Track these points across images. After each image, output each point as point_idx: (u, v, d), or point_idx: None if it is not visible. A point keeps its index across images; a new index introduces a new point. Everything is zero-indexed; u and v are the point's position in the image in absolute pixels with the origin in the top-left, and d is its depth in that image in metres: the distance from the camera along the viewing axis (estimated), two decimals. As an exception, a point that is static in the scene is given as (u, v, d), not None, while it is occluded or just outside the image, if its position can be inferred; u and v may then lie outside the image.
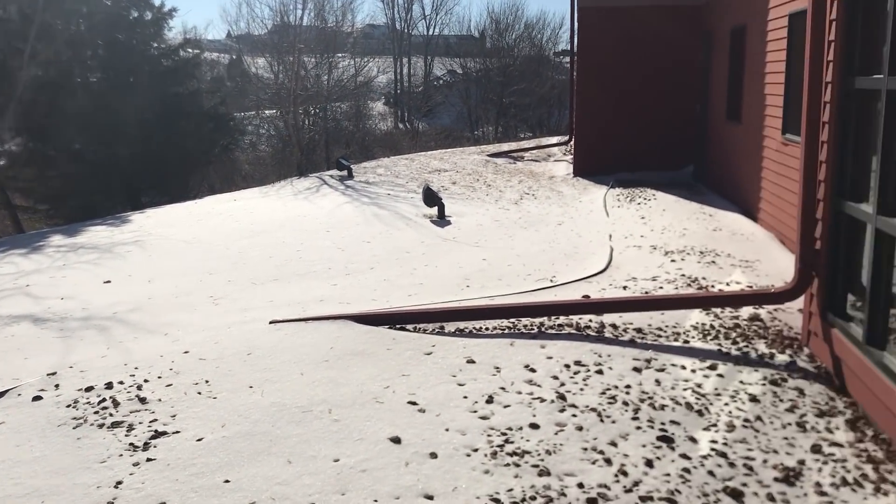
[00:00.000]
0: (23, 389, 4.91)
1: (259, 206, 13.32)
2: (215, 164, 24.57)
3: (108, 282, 8.43)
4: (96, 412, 4.47)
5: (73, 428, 4.29)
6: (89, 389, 4.83)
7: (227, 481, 3.59)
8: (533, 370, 4.88)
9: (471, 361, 5.04)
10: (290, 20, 27.22)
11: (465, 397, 4.47)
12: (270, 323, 6.03)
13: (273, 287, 7.84)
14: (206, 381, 4.82)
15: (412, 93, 48.15)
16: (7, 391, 4.90)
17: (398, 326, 5.85)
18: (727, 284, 6.89)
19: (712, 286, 6.84)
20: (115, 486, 3.61)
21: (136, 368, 5.15)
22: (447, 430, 4.05)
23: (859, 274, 4.71)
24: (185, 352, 5.44)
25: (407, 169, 17.12)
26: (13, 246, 11.33)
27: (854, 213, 4.70)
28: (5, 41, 18.07)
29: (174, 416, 4.35)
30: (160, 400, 4.59)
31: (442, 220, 11.29)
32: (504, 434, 4.01)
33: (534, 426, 4.09)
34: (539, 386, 4.64)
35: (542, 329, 5.76)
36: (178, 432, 4.14)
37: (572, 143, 17.01)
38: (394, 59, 48.45)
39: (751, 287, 6.70)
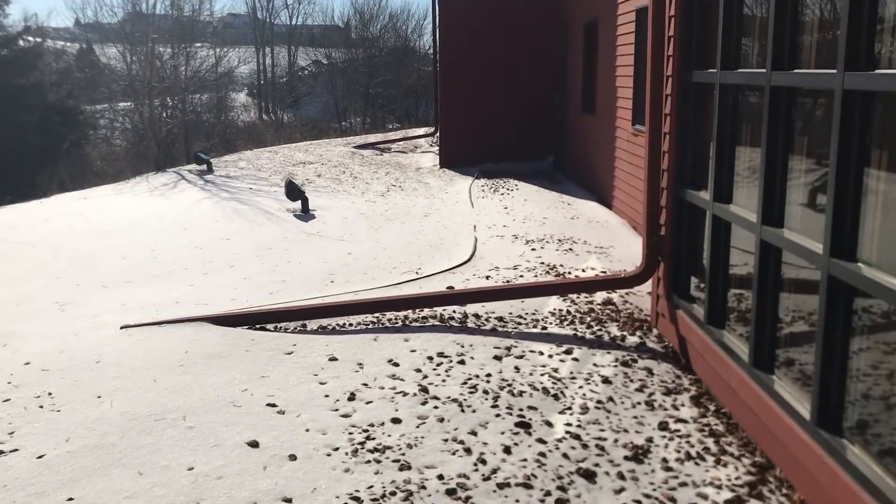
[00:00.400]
0: None
1: (112, 205, 12.68)
2: (65, 161, 23.18)
3: (-61, 291, 7.80)
4: (-77, 434, 4.11)
5: None
6: (-85, 409, 4.43)
7: (70, 500, 3.38)
8: (396, 364, 4.88)
9: (333, 359, 4.98)
10: (142, 8, 25.99)
11: (327, 396, 4.41)
12: (121, 328, 5.74)
13: (126, 290, 7.48)
14: (49, 394, 4.53)
15: (276, 84, 47.14)
16: None
17: (258, 326, 5.70)
18: (583, 271, 7.14)
19: (569, 273, 7.07)
20: (-58, 515, 3.33)
21: (-31, 384, 4.78)
22: (307, 430, 3.98)
23: (701, 258, 4.99)
24: (27, 363, 5.10)
25: (270, 162, 16.76)
26: None
27: (694, 200, 4.97)
28: None
29: (12, 433, 4.06)
30: (-3, 417, 4.27)
31: (306, 214, 11.12)
32: (365, 431, 3.99)
33: (396, 421, 4.09)
34: (402, 380, 4.64)
35: (407, 322, 5.77)
36: (15, 450, 3.86)
37: (438, 134, 17.16)
38: (256, 48, 47.23)
39: (604, 272, 6.97)
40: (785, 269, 3.80)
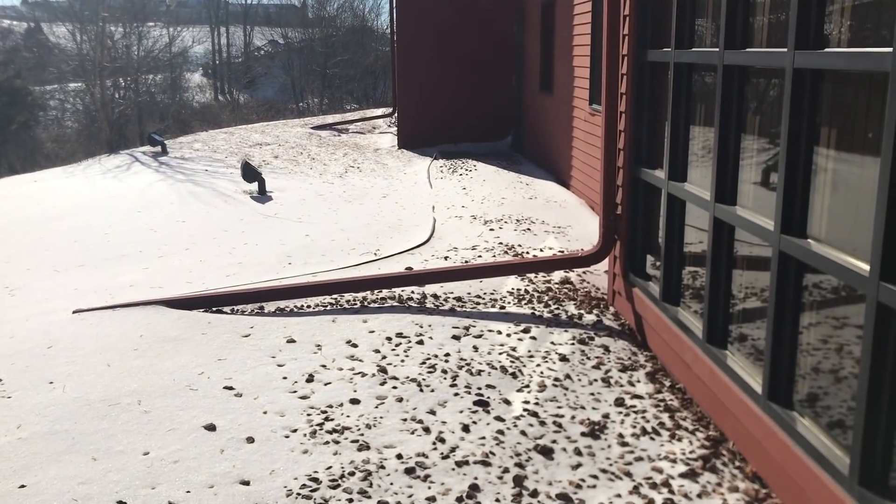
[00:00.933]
0: None
1: (63, 187, 12.39)
2: (13, 143, 22.56)
3: None
4: None
5: None
6: None
7: (22, 486, 3.32)
8: (355, 345, 4.87)
9: (291, 341, 4.94)
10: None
11: (285, 378, 4.38)
12: (74, 312, 5.63)
13: (78, 274, 7.33)
14: (0, 380, 4.44)
15: (232, 64, 46.35)
16: None
17: (214, 309, 5.64)
18: (541, 250, 7.18)
19: (527, 253, 7.10)
20: None
21: (-86, 372, 4.65)
22: (265, 412, 3.96)
23: (656, 237, 5.04)
24: (-26, 350, 4.97)
25: (226, 143, 16.51)
26: None
27: (650, 179, 5.01)
28: None
29: (-40, 420, 3.97)
30: (-58, 405, 4.17)
31: (263, 195, 11.00)
32: (324, 412, 3.97)
33: (354, 401, 4.09)
34: (361, 361, 4.63)
35: (365, 303, 5.75)
36: (-36, 438, 3.78)
37: (397, 115, 17.06)
38: (210, 28, 46.34)
39: (562, 252, 7.02)
40: (738, 246, 3.86)
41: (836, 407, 3.00)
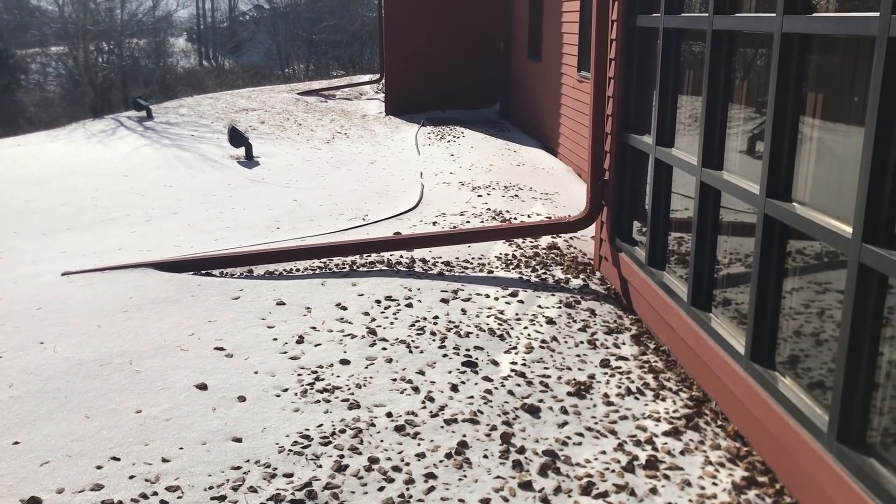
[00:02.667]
0: None
1: (48, 151, 12.28)
2: (-6, 107, 22.28)
3: None
4: None
5: None
6: None
7: (16, 443, 3.36)
8: (344, 308, 4.91)
9: (281, 303, 4.98)
10: (73, -54, 24.80)
11: (275, 339, 4.43)
12: (63, 275, 5.63)
13: (66, 237, 7.31)
14: (-10, 341, 4.45)
15: (217, 28, 45.75)
16: None
17: (203, 272, 5.65)
18: (528, 216, 7.23)
19: (515, 218, 7.14)
20: None
21: None
22: (256, 372, 4.00)
23: (643, 202, 5.09)
24: (-36, 311, 4.98)
25: (212, 109, 16.39)
26: None
27: (638, 144, 5.05)
28: None
29: (-48, 380, 3.99)
30: (-65, 364, 4.19)
31: (250, 160, 10.96)
32: (314, 372, 4.02)
33: (344, 362, 4.14)
34: (350, 323, 4.68)
35: (354, 267, 5.78)
36: (-43, 397, 3.81)
37: (384, 81, 16.96)
38: (195, -9, 45.64)
39: (550, 218, 7.06)
40: (723, 212, 3.91)
41: (816, 368, 3.08)
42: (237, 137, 11.27)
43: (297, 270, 5.77)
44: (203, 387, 3.83)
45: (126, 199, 8.72)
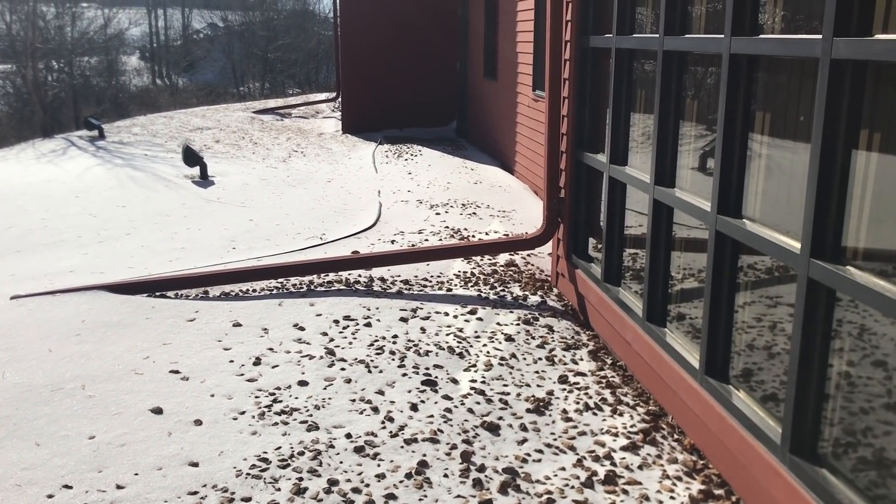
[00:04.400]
0: None
1: (-5, 172, 12.01)
2: (-60, 126, 21.72)
3: None
4: None
5: None
6: None
7: (-38, 473, 3.26)
8: (302, 328, 4.87)
9: (237, 325, 4.92)
10: (21, -37, 24.39)
11: (232, 361, 4.37)
12: (11, 298, 5.49)
13: (15, 259, 7.14)
14: (-66, 368, 4.32)
15: (170, 47, 45.32)
16: None
17: (158, 294, 5.57)
18: (486, 234, 7.27)
19: (473, 236, 7.18)
20: None
21: None
22: (212, 395, 3.95)
23: (598, 219, 5.16)
24: None
25: (166, 128, 16.19)
26: None
27: (592, 163, 5.12)
28: None
29: None
30: None
31: (205, 180, 10.84)
32: (272, 394, 3.98)
33: (302, 383, 4.10)
34: (308, 343, 4.64)
35: (312, 287, 5.75)
36: None
37: (341, 99, 16.95)
38: (147, 9, 45.19)
39: (507, 235, 7.11)
40: (676, 229, 3.98)
41: (769, 381, 3.14)
42: (191, 156, 11.14)
43: (254, 291, 5.72)
44: (158, 411, 3.77)
45: (78, 220, 8.55)
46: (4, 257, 7.23)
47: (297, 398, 3.94)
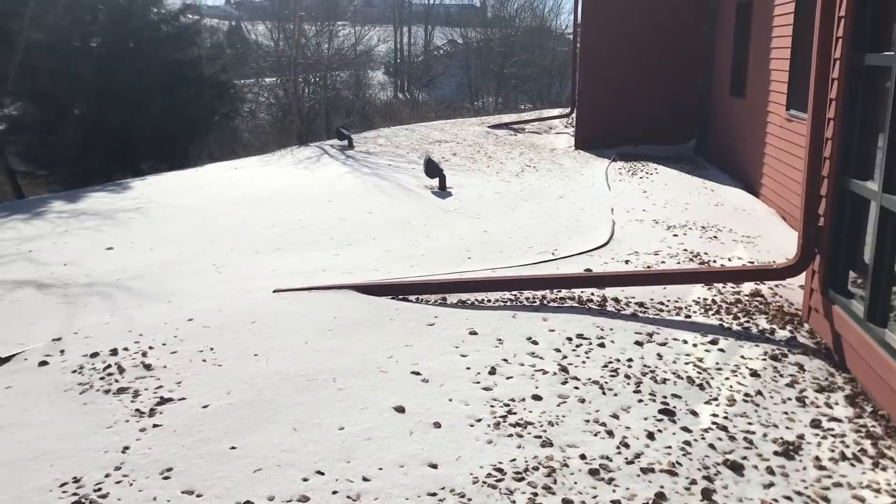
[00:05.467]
0: (29, 354, 4.95)
1: (260, 175, 13.28)
2: (215, 133, 24.43)
3: (111, 248, 8.43)
4: (102, 378, 4.51)
5: (80, 393, 4.33)
6: (94, 355, 4.86)
7: (233, 448, 3.63)
8: (535, 342, 4.91)
9: (473, 333, 5.07)
10: (291, -14, 26.89)
11: (468, 368, 4.51)
12: (274, 292, 6.04)
13: (275, 256, 7.85)
14: (211, 349, 4.85)
15: (412, 62, 47.78)
16: (13, 356, 4.93)
17: (400, 297, 5.87)
18: (729, 260, 6.91)
19: (714, 261, 6.86)
20: (123, 451, 3.65)
21: (140, 335, 5.18)
22: (450, 400, 4.09)
23: (862, 251, 4.73)
24: (190, 319, 5.46)
25: (407, 140, 17.06)
26: (14, 211, 11.31)
27: (859, 190, 4.71)
28: (4, 4, 17.82)
29: (179, 382, 4.39)
30: (165, 367, 4.62)
31: (443, 191, 11.28)
32: (507, 405, 4.05)
33: (536, 398, 4.13)
34: (541, 358, 4.67)
35: (545, 302, 5.78)
36: (183, 399, 4.17)
37: (574, 115, 16.93)
38: (394, 27, 47.99)
39: (752, 263, 6.72)
40: (964, 267, 3.55)
41: None
42: (433, 168, 11.64)
43: (488, 301, 5.86)
44: (401, 409, 3.96)
45: (329, 224, 9.24)
46: (268, 254, 7.97)
47: (531, 412, 3.97)
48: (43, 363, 4.79)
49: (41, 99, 19.54)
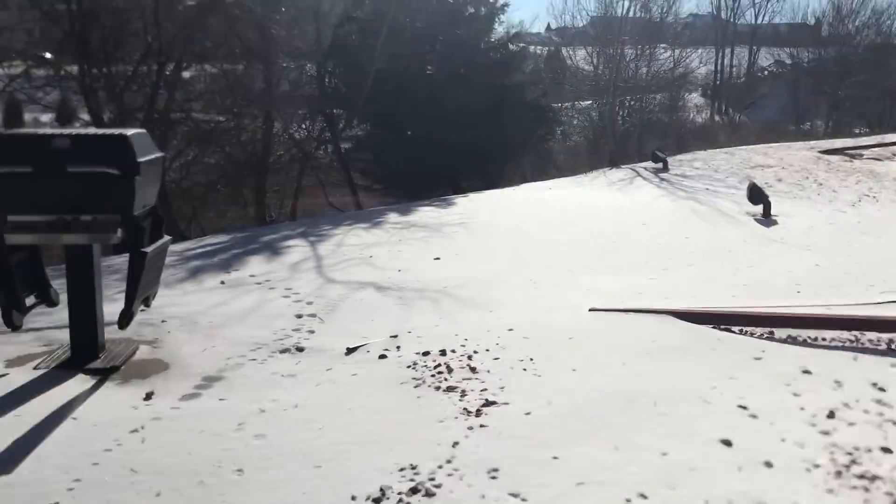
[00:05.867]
0: (371, 347, 5.49)
1: (573, 196, 13.51)
2: (531, 154, 25.31)
3: (438, 258, 9.06)
4: (433, 375, 4.86)
5: (414, 387, 4.70)
6: (426, 354, 5.25)
7: (555, 458, 3.70)
8: (882, 389, 4.42)
9: (806, 372, 4.69)
10: (615, 11, 27.16)
11: (802, 409, 4.17)
12: (590, 310, 6.10)
13: (589, 276, 7.92)
14: (531, 359, 5.01)
15: (733, 84, 45.64)
16: (359, 347, 5.51)
17: (722, 327, 5.61)
18: None
19: None
20: (453, 446, 3.89)
21: (465, 339, 5.51)
22: (783, 440, 3.81)
23: None
24: (510, 329, 5.69)
25: (726, 163, 16.32)
26: (357, 220, 12.63)
27: None
28: (360, 39, 20.07)
29: (502, 387, 4.59)
30: (489, 371, 4.86)
31: (767, 219, 10.62)
32: (849, 454, 3.68)
33: (886, 450, 3.71)
34: (890, 407, 4.19)
35: (893, 346, 5.19)
36: (506, 403, 4.36)
37: (926, 141, 15.02)
38: (715, 49, 46.22)
39: None
40: None
41: None
42: (757, 194, 11.02)
43: (823, 340, 5.39)
44: (727, 443, 3.78)
45: (644, 246, 9.12)
46: (581, 273, 8.07)
47: (879, 465, 3.57)
48: (382, 356, 5.29)
49: (383, 121, 21.65)
